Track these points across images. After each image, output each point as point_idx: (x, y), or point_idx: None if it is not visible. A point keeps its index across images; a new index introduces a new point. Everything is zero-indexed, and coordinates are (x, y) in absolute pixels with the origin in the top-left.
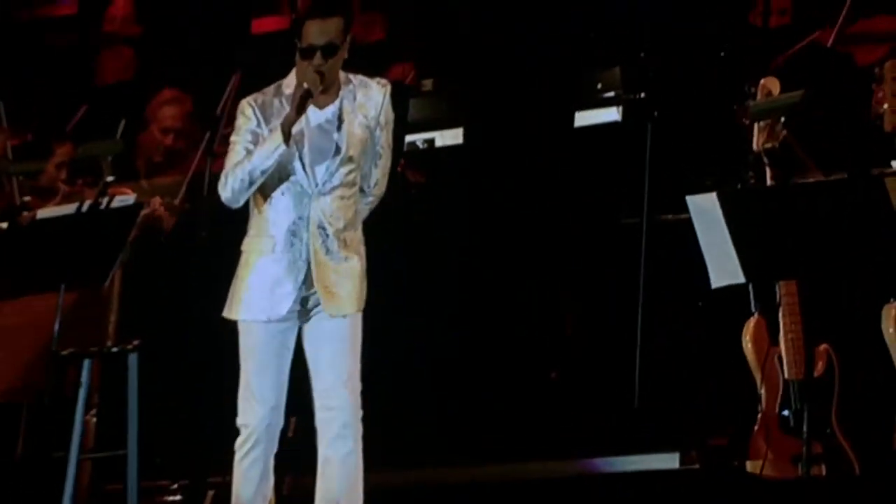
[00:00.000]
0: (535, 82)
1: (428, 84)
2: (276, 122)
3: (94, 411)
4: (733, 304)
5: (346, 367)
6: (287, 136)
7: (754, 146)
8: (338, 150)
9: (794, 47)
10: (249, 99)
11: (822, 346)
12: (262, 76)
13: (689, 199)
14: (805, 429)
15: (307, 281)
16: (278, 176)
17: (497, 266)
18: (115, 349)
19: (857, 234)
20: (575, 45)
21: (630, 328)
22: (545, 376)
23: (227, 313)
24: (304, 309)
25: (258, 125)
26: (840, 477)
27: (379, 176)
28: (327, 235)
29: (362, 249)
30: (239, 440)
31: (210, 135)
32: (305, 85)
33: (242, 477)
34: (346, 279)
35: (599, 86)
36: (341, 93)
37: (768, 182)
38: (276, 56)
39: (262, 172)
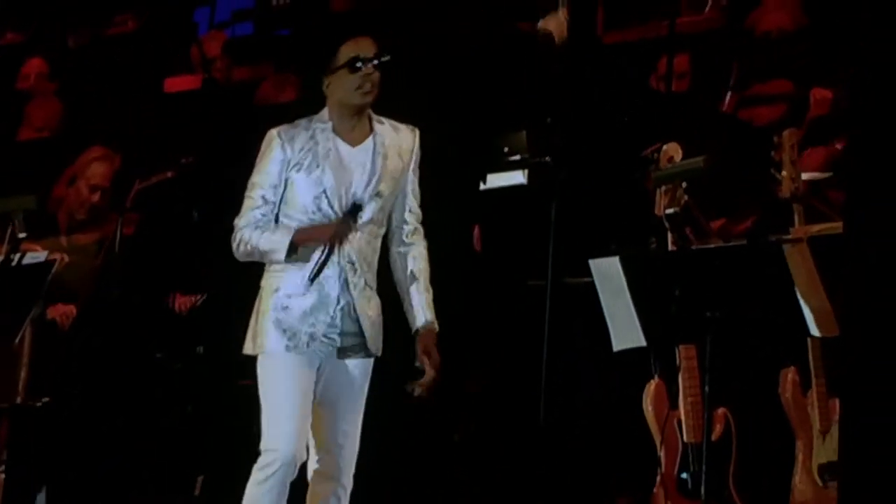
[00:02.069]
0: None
1: None
2: (303, 153)
3: (2, 468)
4: (635, 367)
5: (358, 423)
6: (292, 250)
7: (656, 211)
8: (370, 186)
9: (694, 111)
10: (276, 129)
11: (721, 410)
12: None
13: (593, 262)
14: (703, 492)
15: (335, 318)
16: (306, 212)
17: (400, 325)
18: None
19: (756, 299)
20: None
21: (534, 390)
22: (449, 438)
23: (250, 349)
24: (328, 349)
25: (282, 149)
26: None
27: (415, 223)
28: (355, 271)
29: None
30: (260, 462)
31: (124, 196)
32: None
33: (254, 500)
34: (373, 319)
35: (506, 149)
36: (375, 129)
37: (669, 247)
38: (190, 114)
39: (263, 257)
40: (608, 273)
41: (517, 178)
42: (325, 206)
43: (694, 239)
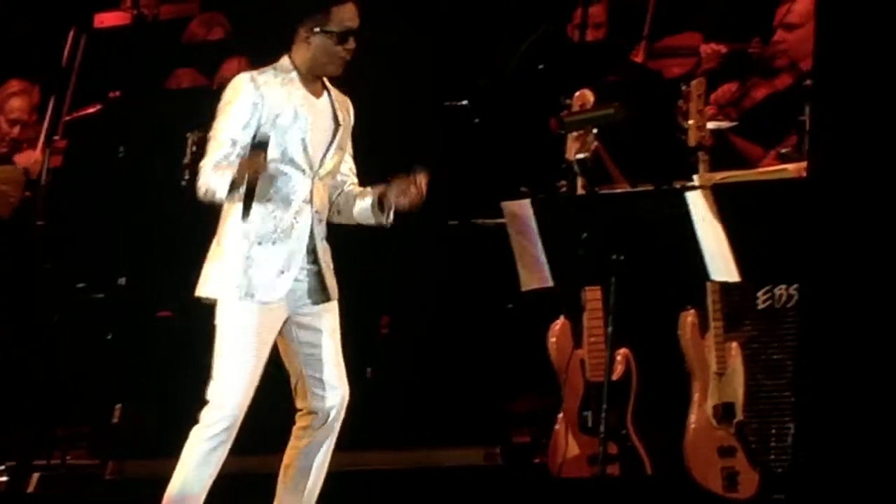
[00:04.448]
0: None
1: None
2: (279, 101)
3: None
4: (541, 307)
5: (341, 359)
6: (233, 187)
7: (567, 155)
8: (334, 137)
9: (608, 61)
10: (246, 73)
11: (622, 350)
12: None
13: (505, 204)
14: (602, 430)
15: (303, 269)
16: (281, 160)
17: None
18: None
19: (659, 243)
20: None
21: (445, 328)
22: (362, 374)
23: (214, 293)
24: (301, 294)
25: (256, 91)
26: (632, 476)
27: (354, 178)
28: (320, 221)
29: None
30: (210, 417)
31: (48, 126)
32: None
33: (202, 459)
34: (330, 266)
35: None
36: (326, 85)
37: (579, 191)
38: (117, 51)
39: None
40: (520, 215)
41: None
42: (299, 157)
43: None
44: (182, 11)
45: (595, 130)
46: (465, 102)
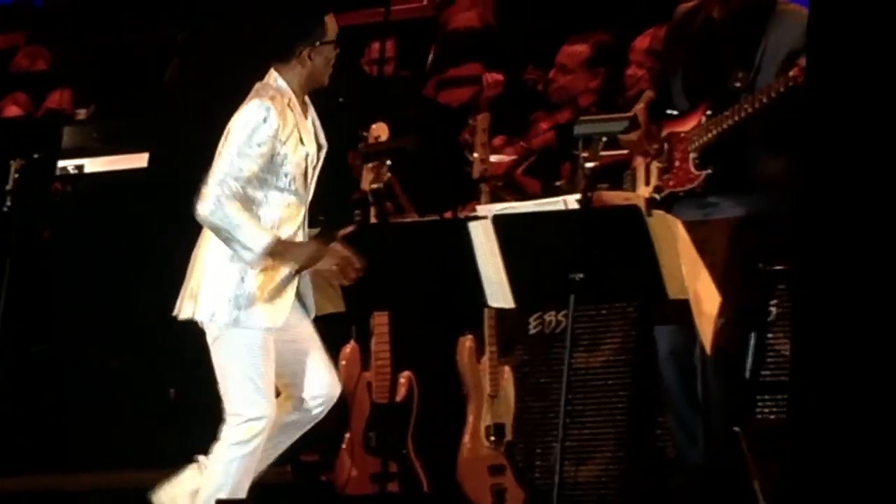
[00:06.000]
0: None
1: (82, 113)
2: (288, 128)
3: None
4: (333, 331)
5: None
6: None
7: (362, 186)
8: (320, 158)
9: (401, 95)
10: (266, 101)
11: (406, 373)
12: None
13: None
14: (383, 449)
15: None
16: (291, 181)
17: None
18: None
19: (441, 271)
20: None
21: None
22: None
23: (218, 319)
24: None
25: (275, 121)
26: (410, 494)
27: None
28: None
29: None
30: (249, 432)
31: None
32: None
33: (245, 469)
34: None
35: None
36: (307, 102)
37: (372, 219)
38: None
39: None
40: None
41: None
42: (300, 179)
43: (393, 213)
44: (9, 42)
45: (389, 162)
46: None
